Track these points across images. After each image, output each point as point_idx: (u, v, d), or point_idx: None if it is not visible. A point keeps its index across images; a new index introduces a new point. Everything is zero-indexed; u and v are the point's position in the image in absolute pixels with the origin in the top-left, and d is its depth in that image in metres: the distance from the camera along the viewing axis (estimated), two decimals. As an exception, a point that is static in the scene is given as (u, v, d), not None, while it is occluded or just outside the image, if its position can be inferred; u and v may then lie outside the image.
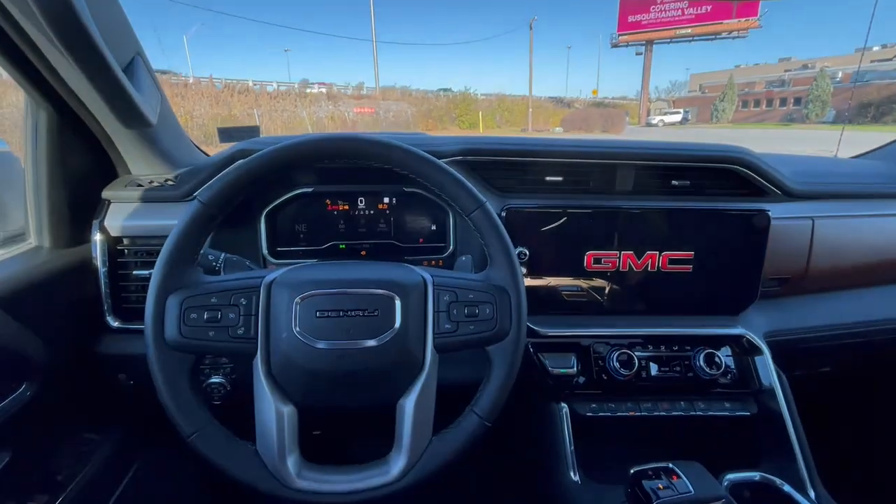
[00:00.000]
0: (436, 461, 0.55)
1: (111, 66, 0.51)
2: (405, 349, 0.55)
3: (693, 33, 30.79)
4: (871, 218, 0.93)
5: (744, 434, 0.82)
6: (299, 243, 0.88)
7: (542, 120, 34.01)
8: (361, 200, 0.88)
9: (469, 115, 29.06)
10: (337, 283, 0.56)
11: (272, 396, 0.54)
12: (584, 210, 0.81)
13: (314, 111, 24.46)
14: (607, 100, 48.51)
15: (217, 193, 0.55)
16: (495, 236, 0.59)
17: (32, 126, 0.70)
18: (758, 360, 0.84)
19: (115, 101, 0.56)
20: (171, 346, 0.53)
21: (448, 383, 0.59)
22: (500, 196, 0.85)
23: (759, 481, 0.74)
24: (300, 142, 0.57)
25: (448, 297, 0.57)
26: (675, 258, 0.83)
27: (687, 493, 0.58)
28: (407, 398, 0.56)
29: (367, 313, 0.55)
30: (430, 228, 0.90)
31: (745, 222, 0.82)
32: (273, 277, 0.56)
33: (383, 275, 0.58)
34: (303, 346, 0.53)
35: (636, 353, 0.81)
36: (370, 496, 0.54)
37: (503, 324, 0.57)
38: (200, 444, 0.53)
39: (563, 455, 0.77)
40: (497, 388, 0.57)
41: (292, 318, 0.54)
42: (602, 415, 0.80)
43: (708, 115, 36.32)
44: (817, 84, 28.05)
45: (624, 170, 0.85)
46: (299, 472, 0.54)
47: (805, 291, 0.94)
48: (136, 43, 0.68)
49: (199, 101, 19.85)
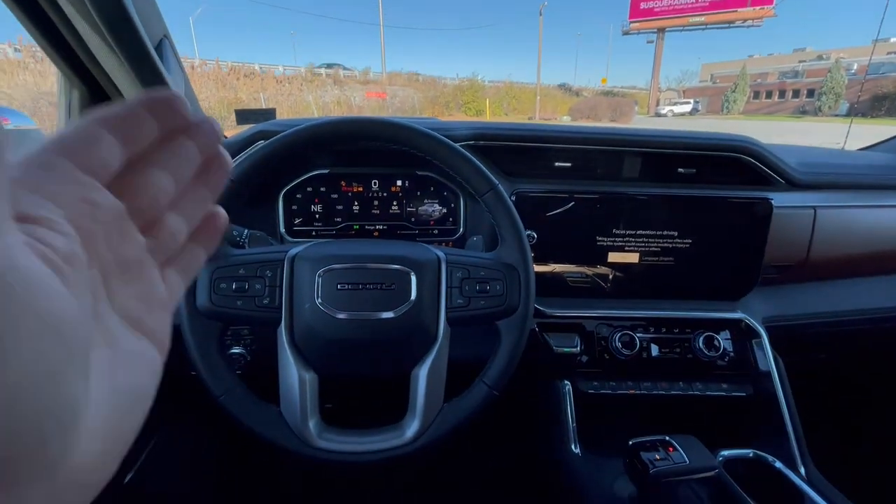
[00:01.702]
0: (447, 425, 0.59)
1: (147, 47, 0.54)
2: (420, 321, 0.59)
3: (706, 21, 30.18)
4: (872, 209, 0.95)
5: (739, 414, 0.86)
6: (315, 223, 0.91)
7: (549, 108, 33.63)
8: (375, 183, 0.91)
9: (476, 101, 28.76)
10: (357, 258, 0.59)
11: (295, 363, 0.58)
12: (591, 195, 0.84)
13: (320, 95, 24.30)
14: (616, 88, 47.83)
15: (245, 171, 0.58)
16: (506, 217, 0.62)
17: (66, 104, 0.73)
18: (756, 343, 0.86)
19: (147, 80, 0.59)
20: (202, 314, 0.56)
21: (459, 360, 0.62)
22: (509, 180, 0.87)
23: (752, 458, 0.77)
24: (323, 123, 0.60)
25: (460, 274, 0.61)
26: (678, 244, 0.86)
27: (681, 464, 0.62)
28: (421, 367, 0.60)
29: (384, 287, 0.58)
30: (442, 211, 0.93)
31: (747, 210, 0.84)
32: (296, 252, 0.60)
33: (400, 251, 0.61)
34: (324, 316, 0.57)
35: (638, 334, 0.85)
36: (386, 456, 0.58)
37: (512, 300, 0.60)
38: (229, 403, 0.57)
39: (566, 429, 0.81)
40: (505, 360, 0.61)
41: (315, 290, 0.57)
42: (603, 392, 0.83)
43: (719, 105, 35.77)
44: (831, 76, 27.50)
45: (631, 157, 0.88)
46: (320, 433, 0.58)
47: (805, 279, 0.96)
48: (163, 25, 0.71)
49: (206, 84, 19.76)
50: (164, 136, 0.20)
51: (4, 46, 14.32)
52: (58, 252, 0.15)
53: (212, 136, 0.22)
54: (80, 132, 0.18)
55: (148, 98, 0.20)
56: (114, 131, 0.18)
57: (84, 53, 0.66)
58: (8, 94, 10.63)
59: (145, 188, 0.20)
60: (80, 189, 0.17)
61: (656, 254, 0.86)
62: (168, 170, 0.21)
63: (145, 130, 0.19)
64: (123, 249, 0.19)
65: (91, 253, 0.17)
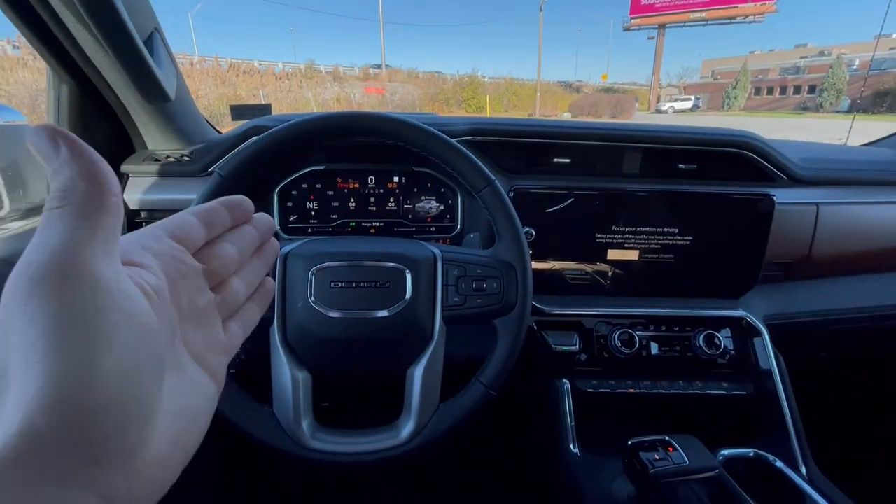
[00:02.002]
0: (443, 426, 0.58)
1: (135, 40, 0.53)
2: (415, 320, 0.58)
3: (707, 17, 30.08)
4: (876, 205, 0.93)
5: (740, 413, 0.85)
6: (310, 220, 0.90)
7: (550, 105, 33.58)
8: (371, 179, 0.90)
9: (476, 98, 28.69)
10: (351, 255, 0.58)
11: (288, 363, 0.57)
12: (591, 192, 0.82)
13: (320, 92, 24.25)
14: (617, 85, 47.73)
15: (237, 167, 0.57)
16: (504, 214, 0.61)
17: (55, 99, 0.72)
18: (757, 342, 0.85)
19: (137, 74, 0.58)
20: None
21: (455, 359, 0.61)
22: (507, 176, 0.86)
23: (753, 457, 0.77)
24: (317, 117, 0.59)
25: (457, 272, 0.59)
26: (679, 241, 0.85)
27: (681, 464, 0.61)
28: (416, 367, 0.59)
29: (379, 285, 0.57)
30: (439, 208, 0.92)
31: (749, 206, 0.83)
32: (289, 249, 0.59)
33: (395, 249, 0.60)
34: (317, 315, 0.56)
35: (637, 332, 0.84)
36: (380, 457, 0.57)
37: (509, 298, 0.59)
38: (221, 404, 0.55)
39: (564, 428, 0.80)
40: (502, 359, 0.59)
41: (307, 289, 0.56)
42: (602, 391, 0.83)
43: (719, 102, 35.70)
44: (833, 72, 27.41)
45: (631, 153, 0.86)
46: (313, 434, 0.57)
47: (807, 276, 0.95)
48: (154, 18, 0.70)
49: (205, 80, 19.72)
50: (234, 224, 0.29)
51: (3, 44, 14.27)
52: (150, 286, 0.21)
53: (267, 225, 0.31)
54: (178, 219, 0.26)
55: (226, 201, 0.28)
56: (201, 220, 0.26)
57: (73, 48, 0.65)
58: (7, 92, 10.61)
59: (218, 257, 0.27)
60: (172, 251, 0.24)
61: (656, 251, 0.85)
62: (235, 245, 0.28)
63: (222, 220, 0.28)
64: (197, 300, 0.25)
65: (174, 296, 0.23)
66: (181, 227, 0.25)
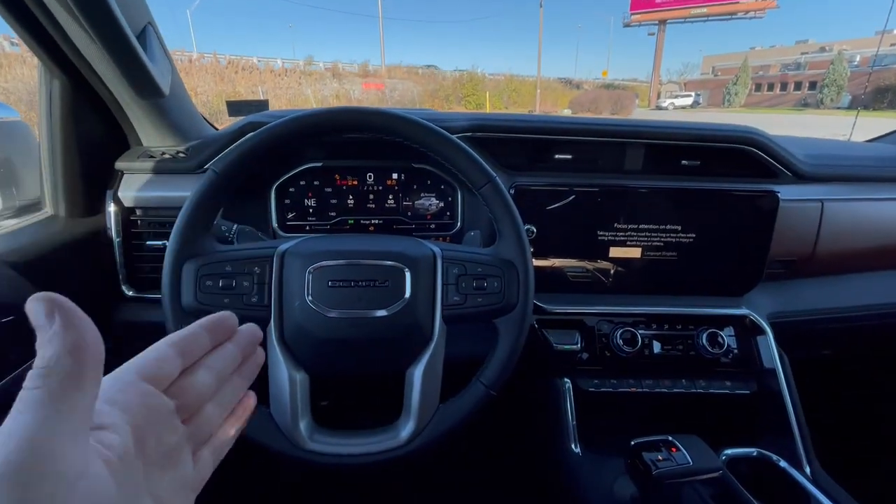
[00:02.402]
0: (442, 427, 0.57)
1: (126, 34, 0.51)
2: (414, 319, 0.56)
3: (708, 13, 29.99)
4: (881, 202, 0.92)
5: (743, 412, 0.84)
6: (308, 217, 0.89)
7: (550, 101, 33.50)
8: (370, 176, 0.88)
9: (476, 94, 28.60)
10: (349, 254, 0.57)
11: (285, 363, 0.56)
12: (593, 189, 0.81)
13: (319, 89, 24.19)
14: (617, 81, 47.64)
15: (231, 164, 0.56)
16: (504, 211, 0.60)
17: (46, 95, 0.70)
18: (760, 340, 0.84)
19: (129, 69, 0.56)
20: (187, 312, 0.54)
21: (456, 358, 0.60)
22: (508, 173, 0.85)
23: (756, 457, 0.76)
24: (312, 113, 0.58)
25: (457, 270, 0.58)
26: (681, 238, 0.83)
27: (685, 465, 0.60)
28: (415, 367, 0.57)
29: (377, 284, 0.56)
30: (439, 205, 0.90)
31: (753, 203, 0.82)
32: (286, 248, 0.57)
33: (394, 247, 0.59)
34: (315, 314, 0.55)
35: (639, 331, 0.83)
36: (379, 459, 0.56)
37: (510, 297, 0.58)
38: None
39: (566, 427, 0.79)
40: (503, 360, 0.58)
41: (305, 288, 0.55)
42: (604, 390, 0.82)
43: (720, 98, 35.64)
44: (834, 68, 27.33)
45: (633, 149, 0.85)
46: (311, 435, 0.56)
47: (811, 274, 0.94)
48: (147, 12, 0.68)
49: (204, 77, 19.66)
50: (214, 345, 0.28)
51: (0, 40, 14.20)
52: (114, 450, 0.21)
53: (250, 339, 0.31)
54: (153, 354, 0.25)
55: (207, 323, 0.28)
56: (177, 350, 0.26)
57: (63, 41, 0.63)
58: (5, 89, 10.57)
59: (193, 388, 0.26)
60: (142, 397, 0.24)
61: (659, 248, 0.84)
62: (213, 370, 0.28)
63: (201, 345, 0.27)
64: (167, 438, 0.25)
65: (139, 447, 0.23)
66: (155, 365, 0.25)
